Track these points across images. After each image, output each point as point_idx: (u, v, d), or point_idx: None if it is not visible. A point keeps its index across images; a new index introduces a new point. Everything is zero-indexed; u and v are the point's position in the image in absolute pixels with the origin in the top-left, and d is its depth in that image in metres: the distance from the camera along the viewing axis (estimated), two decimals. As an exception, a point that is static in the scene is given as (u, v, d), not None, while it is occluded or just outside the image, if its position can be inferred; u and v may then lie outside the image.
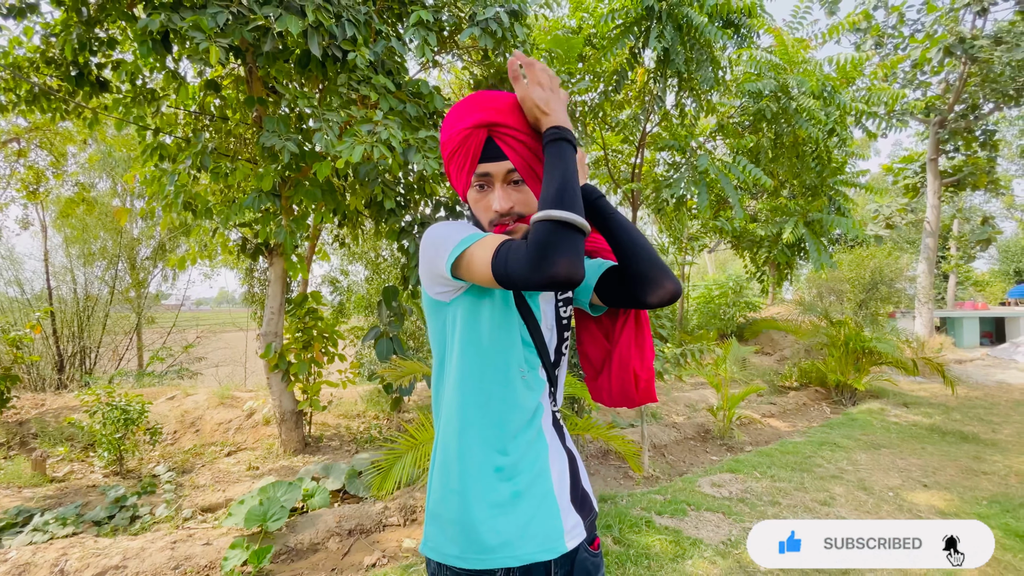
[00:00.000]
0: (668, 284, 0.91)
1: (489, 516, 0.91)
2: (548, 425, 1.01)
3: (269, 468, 4.32)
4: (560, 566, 0.96)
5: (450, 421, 0.98)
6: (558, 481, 0.97)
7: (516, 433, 0.95)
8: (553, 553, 0.92)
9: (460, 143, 0.95)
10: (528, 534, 0.91)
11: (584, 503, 1.02)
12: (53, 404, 5.24)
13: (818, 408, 7.59)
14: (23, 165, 7.41)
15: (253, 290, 10.62)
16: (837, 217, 6.86)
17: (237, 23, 3.18)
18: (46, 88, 4.02)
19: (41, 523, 3.17)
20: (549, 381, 1.04)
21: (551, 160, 0.86)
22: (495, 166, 0.94)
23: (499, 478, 0.93)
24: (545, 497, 0.94)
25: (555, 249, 0.77)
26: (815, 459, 4.65)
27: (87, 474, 4.23)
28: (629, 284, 0.94)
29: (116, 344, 10.35)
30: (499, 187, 0.96)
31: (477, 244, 0.87)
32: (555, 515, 0.94)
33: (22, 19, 3.50)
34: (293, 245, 4.49)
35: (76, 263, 9.85)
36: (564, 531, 0.94)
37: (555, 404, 1.07)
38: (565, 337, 1.07)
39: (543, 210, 0.80)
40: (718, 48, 5.37)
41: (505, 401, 0.95)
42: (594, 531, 1.04)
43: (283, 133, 3.55)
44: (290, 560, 2.99)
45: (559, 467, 0.99)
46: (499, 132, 0.92)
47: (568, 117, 0.92)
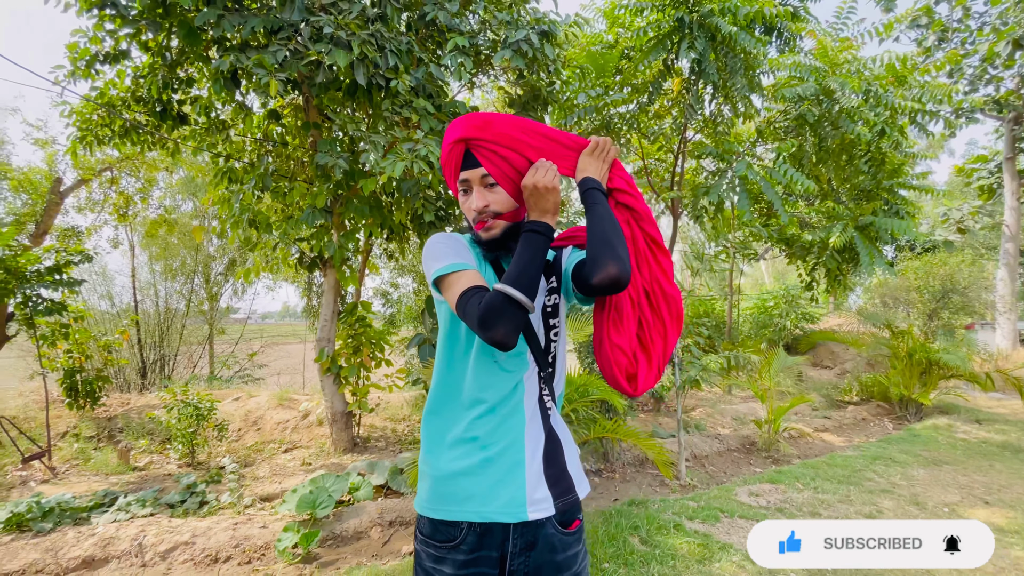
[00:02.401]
0: (610, 266, 0.98)
1: (460, 475, 1.05)
2: (531, 403, 1.11)
3: (321, 464, 4.64)
4: (521, 535, 1.04)
5: (436, 392, 1.14)
6: (531, 455, 1.07)
7: (493, 407, 1.07)
8: (512, 518, 1.02)
9: (447, 157, 1.16)
10: (492, 496, 1.03)
11: (560, 482, 1.09)
12: (137, 403, 5.85)
13: (879, 423, 7.17)
14: (115, 191, 8.34)
15: (312, 303, 11.32)
16: (893, 220, 6.53)
17: (294, 59, 3.56)
18: (136, 123, 4.60)
19: (124, 504, 3.59)
20: (539, 365, 1.13)
21: (523, 246, 1.04)
22: (471, 172, 1.13)
23: (474, 445, 1.06)
24: (515, 467, 1.05)
25: (499, 318, 0.94)
26: (866, 473, 4.45)
27: (164, 464, 4.71)
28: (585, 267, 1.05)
29: (191, 352, 11.29)
30: (476, 189, 1.14)
31: (455, 276, 1.04)
32: (520, 485, 1.04)
33: (115, 64, 4.05)
34: (344, 258, 4.85)
35: (159, 279, 10.88)
36: (527, 501, 1.03)
37: (546, 387, 1.14)
38: (552, 324, 1.17)
39: (503, 284, 0.97)
40: (757, 54, 5.34)
41: (478, 379, 1.09)
42: (574, 513, 1.12)
43: (334, 153, 3.90)
44: (336, 545, 3.23)
45: (534, 442, 1.08)
46: (474, 144, 1.11)
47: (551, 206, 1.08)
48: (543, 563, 1.06)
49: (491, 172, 1.12)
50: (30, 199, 8.14)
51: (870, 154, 6.29)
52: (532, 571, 1.06)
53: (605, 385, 3.76)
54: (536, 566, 1.05)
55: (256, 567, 2.97)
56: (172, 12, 3.69)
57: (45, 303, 4.50)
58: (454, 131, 1.14)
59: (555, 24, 4.20)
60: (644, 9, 5.23)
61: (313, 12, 3.69)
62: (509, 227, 1.15)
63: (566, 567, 1.07)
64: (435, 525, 1.08)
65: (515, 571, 1.05)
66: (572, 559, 1.08)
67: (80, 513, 3.49)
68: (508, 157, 1.12)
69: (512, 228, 1.16)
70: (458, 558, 1.04)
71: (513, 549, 1.05)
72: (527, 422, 1.09)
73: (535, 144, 1.14)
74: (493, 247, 1.16)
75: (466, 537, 1.04)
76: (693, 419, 6.54)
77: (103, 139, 4.65)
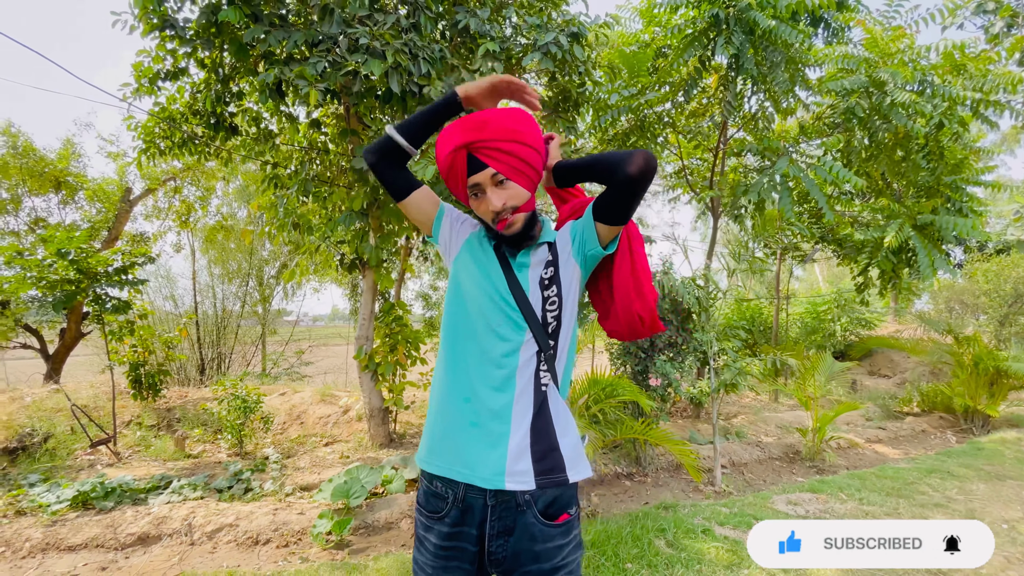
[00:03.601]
0: (636, 156, 1.05)
1: (452, 435, 1.12)
2: (525, 377, 1.11)
3: (358, 458, 4.81)
4: (499, 517, 1.06)
5: (442, 355, 1.20)
6: (516, 426, 1.08)
7: (485, 376, 1.11)
8: (489, 484, 1.06)
9: (448, 167, 1.17)
10: (475, 460, 1.08)
11: (547, 459, 1.09)
12: (193, 396, 6.26)
13: (940, 436, 6.71)
14: (178, 199, 8.97)
15: (357, 305, 11.73)
16: (956, 219, 6.10)
17: (333, 69, 3.74)
18: (193, 135, 4.95)
19: (178, 487, 3.86)
20: (538, 341, 1.13)
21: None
22: (481, 175, 1.14)
23: (466, 407, 1.11)
24: (500, 437, 1.08)
25: (371, 150, 1.23)
26: (918, 486, 4.19)
27: (215, 453, 5.02)
28: (611, 182, 1.11)
29: (245, 351, 11.94)
30: (489, 190, 1.15)
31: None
32: (503, 454, 1.06)
33: (176, 81, 4.39)
34: (380, 259, 5.03)
35: (217, 281, 11.59)
36: (506, 471, 1.05)
37: (546, 365, 1.13)
38: (548, 296, 1.15)
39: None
40: (801, 47, 5.14)
41: (469, 350, 1.14)
42: (563, 505, 1.10)
43: (369, 159, 4.06)
44: (367, 534, 3.35)
45: (522, 415, 1.10)
46: (476, 147, 1.12)
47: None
48: (521, 550, 1.07)
49: (501, 170, 1.13)
50: (103, 207, 8.87)
51: (927, 148, 5.92)
52: (510, 556, 1.07)
53: (633, 386, 3.73)
54: (514, 552, 1.07)
55: (292, 550, 3.13)
56: (224, 30, 3.96)
57: (113, 301, 4.90)
58: (451, 138, 1.14)
59: (584, 26, 4.22)
60: (680, 6, 5.16)
61: (351, 24, 3.87)
62: (528, 217, 1.19)
63: (546, 557, 1.07)
64: (428, 494, 1.14)
65: (494, 553, 1.08)
66: (554, 551, 1.07)
67: (139, 494, 3.78)
68: (512, 150, 1.13)
69: (531, 217, 1.19)
70: (442, 530, 1.09)
71: (491, 531, 1.07)
72: (517, 394, 1.10)
73: (531, 128, 1.17)
74: (516, 241, 1.18)
75: (450, 511, 1.09)
76: (734, 426, 6.34)
77: (165, 151, 5.03)
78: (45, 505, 3.48)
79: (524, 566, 1.07)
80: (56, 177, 8.48)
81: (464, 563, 1.09)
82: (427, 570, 1.11)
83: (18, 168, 8.16)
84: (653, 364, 4.45)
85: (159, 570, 2.90)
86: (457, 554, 1.09)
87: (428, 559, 1.11)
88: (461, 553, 1.09)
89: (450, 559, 1.09)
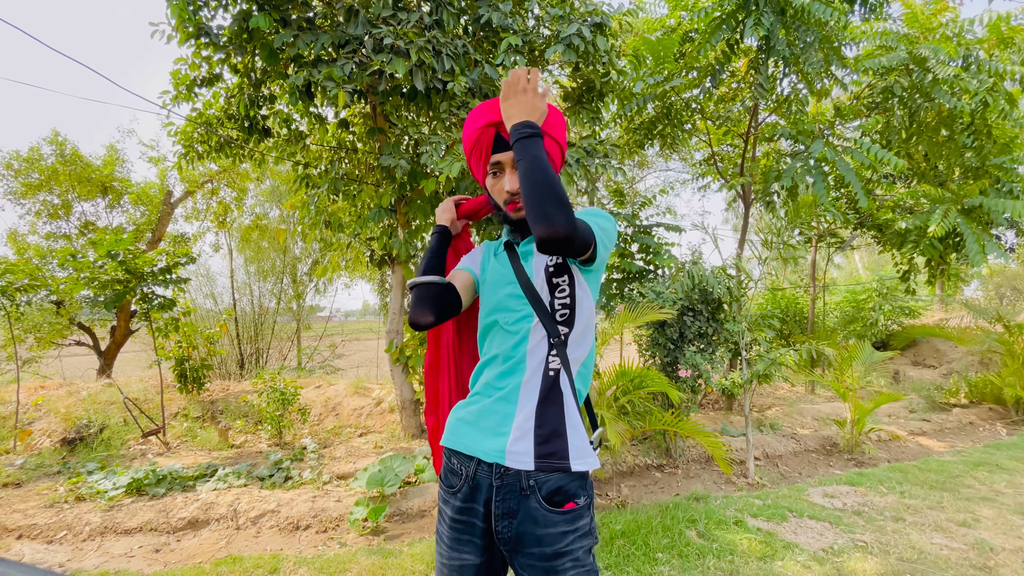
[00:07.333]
0: (556, 219, 0.98)
1: (468, 415, 1.20)
2: (534, 363, 1.13)
3: (391, 448, 4.94)
4: (503, 498, 1.10)
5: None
6: (522, 410, 1.12)
7: (495, 364, 1.19)
8: (489, 457, 1.12)
9: (475, 141, 1.19)
10: (481, 436, 1.15)
11: (550, 443, 1.10)
12: (234, 389, 6.53)
13: (989, 428, 6.42)
14: (215, 200, 9.30)
15: (386, 299, 11.97)
16: (1006, 200, 5.78)
17: (359, 70, 3.82)
18: (228, 138, 5.13)
19: (223, 475, 4.05)
20: (546, 328, 1.13)
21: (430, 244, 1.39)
22: (504, 156, 1.17)
23: (479, 394, 1.20)
24: (506, 416, 1.13)
25: (413, 306, 1.25)
26: (964, 479, 4.04)
27: (256, 443, 5.24)
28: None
29: (281, 346, 12.34)
30: (508, 172, 1.18)
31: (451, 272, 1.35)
32: (505, 433, 1.12)
33: (211, 87, 4.55)
34: (409, 254, 5.12)
35: (253, 279, 11.99)
36: (507, 448, 1.10)
37: (556, 351, 1.13)
38: (556, 283, 1.16)
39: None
40: (836, 26, 4.95)
41: (492, 339, 1.22)
42: (568, 493, 1.09)
43: (397, 155, 4.14)
44: (401, 521, 3.46)
45: (528, 398, 1.13)
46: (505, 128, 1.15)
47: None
48: (524, 532, 1.09)
49: None
50: (147, 210, 9.28)
51: (973, 127, 5.63)
52: (514, 537, 1.10)
53: (662, 377, 3.71)
54: (518, 534, 1.10)
55: (331, 535, 3.26)
56: (255, 36, 4.09)
57: (159, 299, 5.15)
58: (483, 115, 1.17)
59: (607, 15, 4.17)
60: (707, -11, 5.04)
61: (375, 25, 3.93)
62: None
63: (548, 542, 1.07)
64: (446, 469, 1.21)
65: (500, 532, 1.12)
66: (557, 536, 1.08)
67: (187, 481, 3.99)
68: None
69: None
70: (456, 504, 1.16)
71: (496, 511, 1.11)
72: (526, 378, 1.13)
73: (559, 123, 1.20)
74: (523, 226, 1.23)
75: (463, 487, 1.16)
76: (768, 418, 6.21)
77: (203, 154, 5.24)
78: (103, 491, 3.71)
79: (527, 547, 1.09)
80: (102, 182, 8.92)
81: (475, 537, 1.15)
82: (445, 540, 1.18)
83: (67, 175, 8.62)
84: (683, 355, 4.41)
85: (208, 552, 3.06)
86: (468, 528, 1.15)
87: (445, 529, 1.18)
88: (472, 528, 1.15)
89: (463, 532, 1.15)
